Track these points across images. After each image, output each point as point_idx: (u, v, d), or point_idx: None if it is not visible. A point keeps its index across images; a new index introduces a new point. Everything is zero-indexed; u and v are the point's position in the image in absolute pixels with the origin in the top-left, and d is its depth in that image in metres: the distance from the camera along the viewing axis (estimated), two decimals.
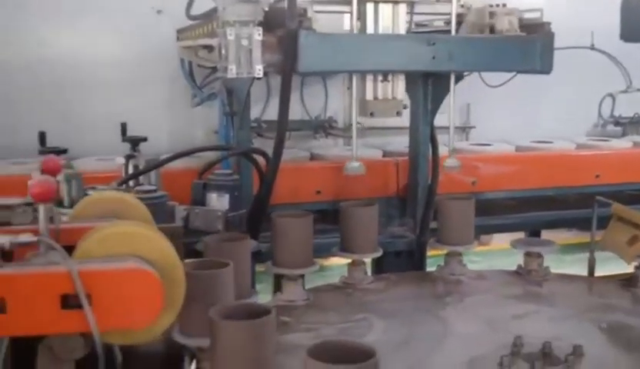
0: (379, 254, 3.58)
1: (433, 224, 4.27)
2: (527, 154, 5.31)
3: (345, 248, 3.51)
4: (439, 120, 4.41)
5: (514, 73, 4.61)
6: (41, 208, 1.86)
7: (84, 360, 1.94)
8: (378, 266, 4.38)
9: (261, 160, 3.88)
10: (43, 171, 2.21)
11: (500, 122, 5.91)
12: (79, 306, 1.67)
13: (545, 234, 5.13)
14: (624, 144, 5.66)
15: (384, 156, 5.04)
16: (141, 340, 1.85)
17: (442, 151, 4.35)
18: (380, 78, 3.89)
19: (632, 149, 5.57)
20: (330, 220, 4.40)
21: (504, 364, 2.33)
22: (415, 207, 4.49)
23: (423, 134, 4.40)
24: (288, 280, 3.24)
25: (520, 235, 4.77)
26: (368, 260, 3.74)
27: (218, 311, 1.85)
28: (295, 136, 5.50)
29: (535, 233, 5.25)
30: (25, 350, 2.24)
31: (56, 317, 1.68)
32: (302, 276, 3.25)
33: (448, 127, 4.08)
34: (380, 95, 3.91)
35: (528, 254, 3.54)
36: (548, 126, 5.99)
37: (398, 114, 3.98)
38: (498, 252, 7.70)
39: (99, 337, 1.67)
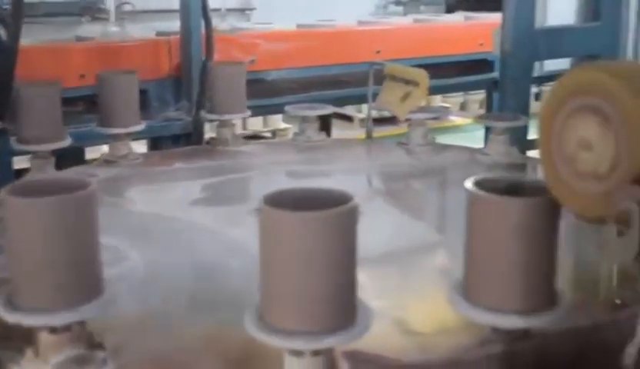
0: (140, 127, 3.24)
1: None
2: (308, 30, 5.13)
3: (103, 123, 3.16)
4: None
5: None
6: None
7: None
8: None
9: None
10: None
11: (285, 5, 5.71)
12: None
13: None
14: (404, 20, 5.65)
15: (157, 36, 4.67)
16: None
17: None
18: None
19: (412, 25, 5.56)
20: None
21: None
22: (190, 86, 4.22)
23: (194, 5, 4.11)
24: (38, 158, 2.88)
25: None
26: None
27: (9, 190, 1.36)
28: (57, 23, 4.99)
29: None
30: None
31: None
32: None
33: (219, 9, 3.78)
34: None
35: None
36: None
37: None
38: None
39: None
